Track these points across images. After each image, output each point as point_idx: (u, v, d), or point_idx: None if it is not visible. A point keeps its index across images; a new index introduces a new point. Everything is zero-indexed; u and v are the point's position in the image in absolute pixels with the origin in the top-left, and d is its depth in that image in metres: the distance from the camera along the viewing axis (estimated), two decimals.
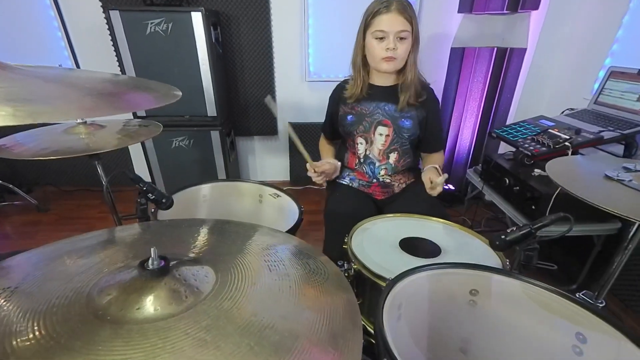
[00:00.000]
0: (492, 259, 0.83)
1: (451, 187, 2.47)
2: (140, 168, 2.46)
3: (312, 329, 0.39)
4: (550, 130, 1.42)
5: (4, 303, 0.41)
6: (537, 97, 2.01)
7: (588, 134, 1.33)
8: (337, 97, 1.26)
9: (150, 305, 0.39)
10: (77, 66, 2.20)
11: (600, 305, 0.80)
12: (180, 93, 0.57)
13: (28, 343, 0.34)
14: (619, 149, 1.40)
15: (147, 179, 2.27)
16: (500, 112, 2.21)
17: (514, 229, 0.72)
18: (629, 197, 0.63)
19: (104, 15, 1.96)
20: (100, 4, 2.01)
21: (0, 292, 0.42)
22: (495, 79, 2.16)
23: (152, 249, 0.43)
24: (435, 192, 1.04)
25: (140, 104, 0.45)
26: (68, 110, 0.40)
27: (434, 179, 1.04)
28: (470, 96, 2.26)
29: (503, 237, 0.72)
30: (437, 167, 1.15)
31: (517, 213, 1.49)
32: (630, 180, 0.66)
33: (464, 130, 2.37)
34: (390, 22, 1.03)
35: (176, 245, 0.58)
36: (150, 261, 0.43)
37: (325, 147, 1.40)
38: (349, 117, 1.22)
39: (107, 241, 0.62)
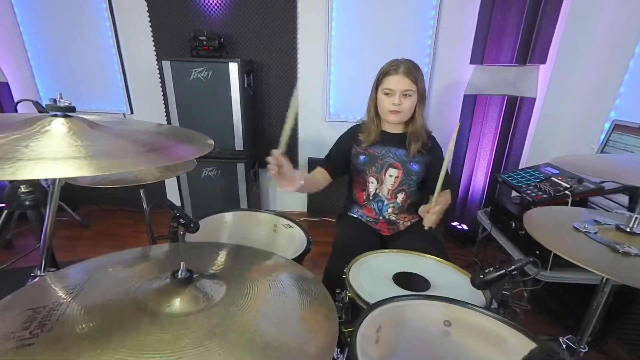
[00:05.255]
0: (478, 297, 0.90)
1: (465, 227, 2.50)
2: (172, 192, 2.71)
3: (296, 334, 0.50)
4: (553, 178, 1.48)
5: (71, 301, 0.55)
6: (548, 145, 2.06)
7: (590, 184, 1.38)
8: (351, 137, 1.39)
9: (177, 304, 0.52)
10: (130, 104, 2.55)
11: (584, 350, 0.84)
12: (213, 143, 0.74)
13: (87, 328, 0.48)
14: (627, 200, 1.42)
15: (178, 203, 2.54)
16: (513, 156, 2.28)
17: (491, 269, 0.80)
18: (594, 249, 0.70)
19: (156, 64, 2.30)
20: (155, 54, 2.37)
21: (69, 292, 0.57)
22: (507, 125, 2.26)
23: (182, 262, 0.57)
24: (429, 222, 1.12)
25: (183, 156, 0.60)
26: (131, 165, 0.55)
27: (428, 207, 1.13)
28: (482, 140, 2.35)
29: (481, 276, 0.81)
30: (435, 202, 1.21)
31: (523, 256, 1.52)
32: (596, 233, 0.73)
33: (478, 172, 2.44)
34: (397, 82, 1.20)
35: (199, 263, 0.71)
36: (179, 272, 0.57)
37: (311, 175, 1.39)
38: (362, 157, 1.35)
39: (142, 257, 0.77)
